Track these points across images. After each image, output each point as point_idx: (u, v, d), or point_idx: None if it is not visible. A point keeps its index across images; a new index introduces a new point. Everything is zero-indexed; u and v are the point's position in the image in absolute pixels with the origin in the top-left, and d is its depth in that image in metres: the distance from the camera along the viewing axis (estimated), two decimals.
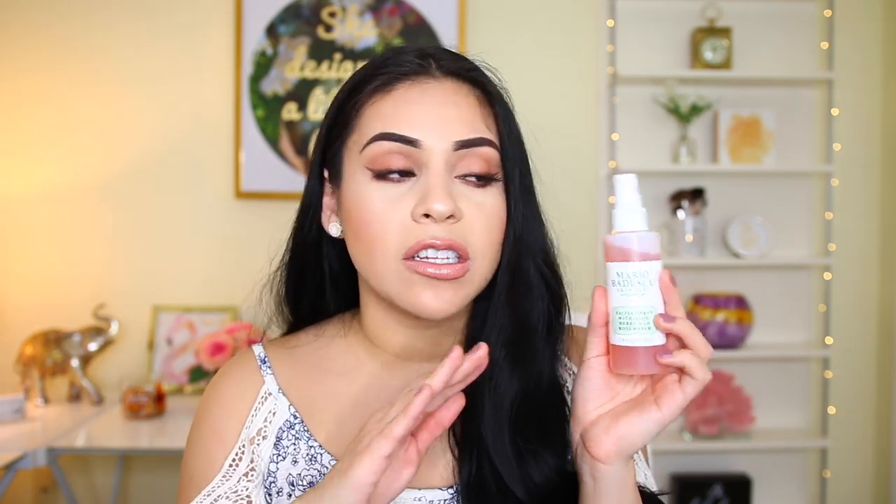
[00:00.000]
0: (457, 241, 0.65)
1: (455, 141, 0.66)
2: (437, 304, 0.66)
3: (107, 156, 2.27)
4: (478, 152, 0.67)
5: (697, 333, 0.60)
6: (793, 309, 2.40)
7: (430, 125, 0.66)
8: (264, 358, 0.77)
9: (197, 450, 0.73)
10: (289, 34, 2.27)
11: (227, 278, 2.23)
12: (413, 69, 0.69)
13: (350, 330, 0.78)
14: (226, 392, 0.75)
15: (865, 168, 2.41)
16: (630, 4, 2.34)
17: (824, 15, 2.33)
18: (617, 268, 0.61)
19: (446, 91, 0.68)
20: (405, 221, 0.65)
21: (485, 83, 0.70)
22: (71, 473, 2.23)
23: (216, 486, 0.69)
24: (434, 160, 0.66)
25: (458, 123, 0.67)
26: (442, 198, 0.64)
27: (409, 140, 0.65)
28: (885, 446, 2.37)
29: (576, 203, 2.33)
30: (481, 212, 0.67)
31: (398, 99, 0.67)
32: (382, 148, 0.66)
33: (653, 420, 0.62)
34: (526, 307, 0.71)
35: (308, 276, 0.77)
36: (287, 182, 2.26)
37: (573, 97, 2.35)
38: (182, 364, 2.19)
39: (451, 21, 2.27)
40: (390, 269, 0.66)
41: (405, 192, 0.66)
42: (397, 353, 0.75)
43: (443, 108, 0.67)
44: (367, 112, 0.68)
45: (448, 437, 0.72)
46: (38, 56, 2.26)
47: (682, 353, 0.60)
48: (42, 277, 2.26)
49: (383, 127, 0.66)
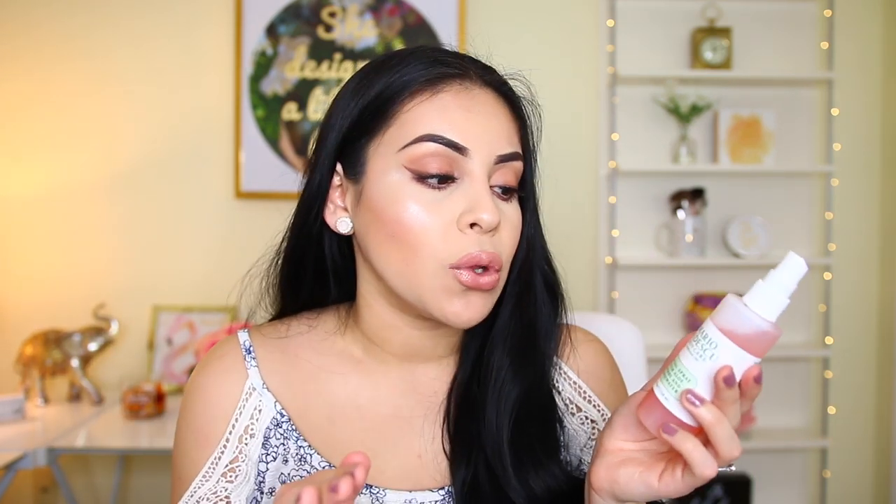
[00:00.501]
0: (497, 255, 0.66)
1: (498, 154, 0.66)
2: (469, 314, 0.66)
3: (107, 156, 2.27)
4: (511, 166, 0.68)
5: (726, 430, 0.53)
6: (793, 309, 2.37)
7: (477, 135, 0.65)
8: (249, 347, 0.74)
9: (182, 449, 0.72)
10: (289, 34, 2.27)
11: (227, 278, 2.21)
12: (458, 70, 0.67)
13: (346, 326, 0.76)
14: (208, 389, 0.72)
15: (865, 168, 2.41)
16: (630, 4, 2.33)
17: (824, 15, 2.33)
18: (713, 333, 0.53)
19: (489, 102, 0.68)
20: (448, 228, 0.64)
21: (515, 100, 0.71)
22: (71, 473, 2.23)
23: (197, 486, 0.68)
24: (478, 170, 0.65)
25: (500, 137, 0.67)
26: (491, 209, 0.64)
27: (459, 147, 0.64)
28: (885, 446, 2.37)
29: (576, 203, 2.33)
30: (509, 223, 0.68)
31: (447, 102, 0.66)
32: (428, 149, 0.64)
33: (648, 486, 0.58)
34: (533, 314, 0.73)
35: (308, 269, 0.76)
36: (287, 182, 2.26)
37: (573, 97, 2.35)
38: (182, 364, 2.19)
39: (451, 21, 2.27)
40: (431, 274, 0.65)
41: (446, 196, 0.65)
42: (395, 352, 0.74)
43: (488, 120, 0.67)
44: (412, 109, 0.66)
45: (442, 439, 0.72)
46: (37, 56, 2.26)
47: (685, 438, 0.54)
48: (42, 277, 2.26)
49: (431, 129, 0.65)
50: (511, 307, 0.72)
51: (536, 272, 0.73)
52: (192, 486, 0.68)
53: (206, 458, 0.69)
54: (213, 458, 0.69)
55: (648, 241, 2.38)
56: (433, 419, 0.73)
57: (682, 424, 0.54)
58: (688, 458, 0.54)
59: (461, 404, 0.72)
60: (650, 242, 2.38)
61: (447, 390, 0.74)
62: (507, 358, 0.71)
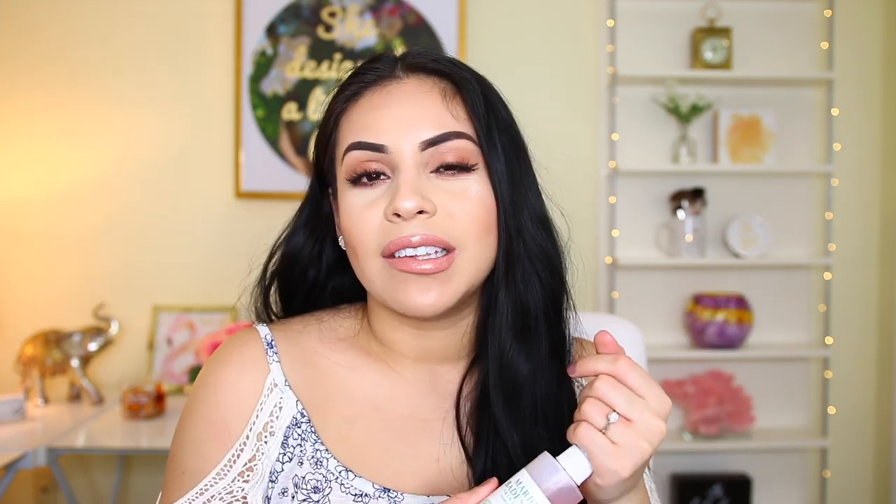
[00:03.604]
0: (433, 235, 0.65)
1: (421, 141, 0.66)
2: (425, 300, 0.65)
3: (107, 156, 2.27)
4: (448, 146, 0.66)
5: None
6: (793, 309, 2.40)
7: (394, 127, 0.67)
8: (271, 341, 0.73)
9: (191, 441, 0.69)
10: (289, 34, 2.27)
11: (228, 278, 2.22)
12: (377, 75, 0.70)
13: (361, 328, 0.76)
14: (227, 381, 0.70)
15: (865, 168, 2.40)
16: (630, 4, 2.33)
17: (824, 15, 2.33)
18: (527, 482, 0.57)
19: (409, 90, 0.68)
20: (381, 222, 0.66)
21: (450, 73, 0.69)
22: (71, 473, 2.23)
23: (209, 483, 0.66)
24: (403, 162, 0.66)
25: (423, 122, 0.66)
26: (408, 195, 0.64)
27: (377, 146, 0.67)
28: (885, 446, 2.37)
29: (576, 203, 2.33)
30: (461, 201, 0.66)
31: (363, 106, 0.69)
32: (356, 157, 0.68)
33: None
34: (522, 290, 0.69)
35: (304, 281, 0.78)
36: (287, 182, 2.26)
37: (573, 97, 2.35)
38: (182, 364, 2.19)
39: (451, 21, 2.27)
40: (374, 268, 0.67)
41: (380, 194, 0.67)
42: (409, 354, 0.73)
43: (406, 108, 0.67)
44: (342, 123, 0.70)
45: (460, 442, 0.71)
46: (37, 56, 2.25)
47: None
48: (42, 277, 2.26)
49: (353, 136, 0.68)
50: (500, 285, 0.69)
51: (520, 246, 0.68)
52: (204, 482, 0.66)
53: (221, 454, 0.67)
54: (230, 456, 0.67)
55: (648, 241, 2.38)
56: (451, 422, 0.72)
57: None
58: None
59: (479, 402, 0.71)
60: (650, 242, 2.38)
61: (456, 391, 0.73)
62: (511, 338, 0.69)
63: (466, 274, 0.67)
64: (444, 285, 0.65)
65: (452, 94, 0.69)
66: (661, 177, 2.36)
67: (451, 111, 0.68)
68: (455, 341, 0.73)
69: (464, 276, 0.67)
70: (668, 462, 2.36)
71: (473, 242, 0.66)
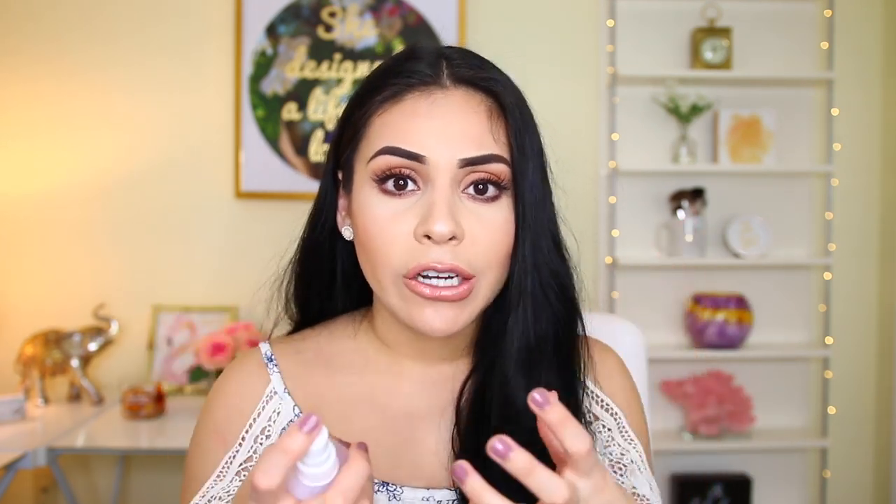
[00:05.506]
0: (458, 265, 0.64)
1: (461, 158, 0.64)
2: (439, 323, 0.65)
3: (107, 156, 2.27)
4: (485, 168, 0.65)
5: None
6: (793, 309, 2.40)
7: (436, 140, 0.64)
8: (270, 356, 0.76)
9: (198, 449, 0.73)
10: (289, 34, 2.27)
11: (228, 278, 2.23)
12: (422, 79, 0.66)
13: (360, 329, 0.77)
14: (229, 391, 0.74)
15: (865, 168, 2.40)
16: (630, 4, 2.33)
17: (824, 15, 2.33)
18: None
19: (455, 103, 0.66)
20: (407, 239, 0.64)
21: (499, 94, 0.67)
22: (71, 473, 2.23)
23: (210, 486, 0.69)
24: (439, 176, 0.64)
25: (465, 139, 0.65)
26: (444, 218, 0.62)
27: (415, 155, 0.64)
28: (885, 446, 2.37)
29: (576, 203, 2.32)
30: (487, 228, 0.65)
31: (406, 111, 0.66)
32: (388, 162, 0.65)
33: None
34: (532, 321, 0.69)
35: (319, 275, 0.76)
36: (287, 182, 2.26)
37: (573, 97, 2.34)
38: (182, 364, 2.18)
39: (452, 21, 2.27)
40: (391, 284, 0.66)
41: (409, 206, 0.65)
42: (407, 353, 0.74)
43: (450, 123, 0.65)
44: (376, 122, 0.67)
45: (452, 438, 0.71)
46: (38, 56, 2.25)
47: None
48: (42, 277, 2.26)
49: (390, 140, 0.65)
50: (518, 310, 0.69)
51: (534, 279, 0.68)
52: (206, 485, 0.69)
53: (219, 457, 0.70)
54: (227, 457, 0.70)
55: (648, 241, 2.38)
56: (450, 417, 0.73)
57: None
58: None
59: (476, 405, 0.71)
60: (650, 242, 2.38)
61: (458, 389, 0.74)
62: (518, 364, 0.68)
63: (481, 298, 0.67)
64: (461, 311, 0.65)
65: (497, 115, 0.67)
66: (661, 177, 2.36)
67: (493, 133, 0.66)
68: (455, 343, 0.74)
69: (478, 301, 0.67)
70: (668, 462, 2.36)
71: (493, 269, 0.66)
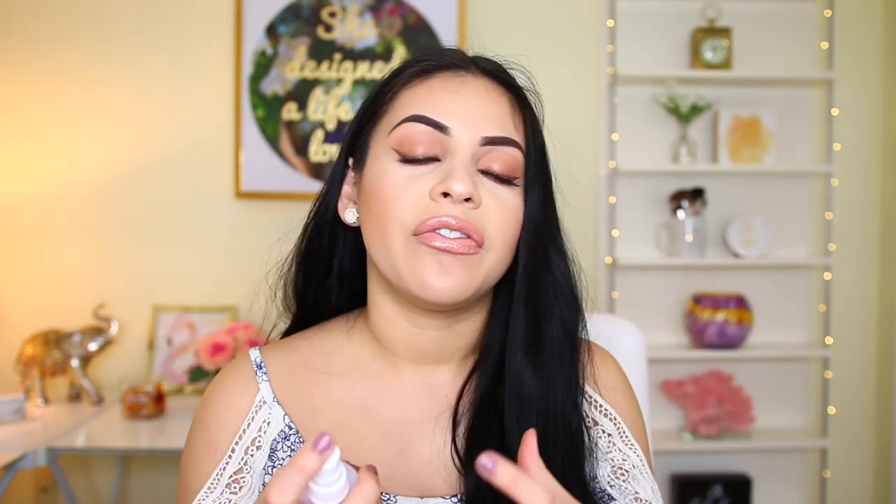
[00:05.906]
0: (472, 223, 0.64)
1: (483, 136, 0.66)
2: (444, 283, 0.64)
3: (107, 156, 2.27)
4: (503, 151, 0.67)
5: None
6: (793, 309, 2.40)
7: (462, 115, 0.67)
8: (260, 363, 0.75)
9: (190, 458, 0.72)
10: (289, 34, 2.27)
11: (228, 278, 2.23)
12: (454, 62, 0.70)
13: (353, 329, 0.76)
14: (219, 401, 0.73)
15: (865, 168, 2.40)
16: (630, 4, 2.33)
17: (824, 15, 2.33)
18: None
19: (481, 86, 0.69)
20: (422, 198, 0.65)
21: (518, 88, 0.72)
22: (71, 473, 2.23)
23: (202, 497, 0.68)
24: (461, 149, 0.66)
25: (489, 120, 0.67)
26: (464, 179, 0.64)
27: (440, 125, 0.66)
28: (885, 446, 2.37)
29: (576, 203, 2.32)
30: (501, 205, 0.67)
31: (434, 86, 0.69)
32: (413, 130, 0.66)
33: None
34: (541, 314, 0.70)
35: (318, 258, 0.76)
36: (287, 182, 2.26)
37: (573, 97, 2.34)
38: (182, 364, 2.18)
39: (451, 21, 2.27)
40: (399, 242, 0.65)
41: (426, 172, 0.66)
42: (403, 353, 0.73)
43: (476, 102, 0.68)
44: (403, 95, 0.69)
45: (451, 447, 0.70)
46: (39, 56, 2.25)
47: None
48: (42, 277, 2.26)
49: (417, 110, 0.67)
50: (523, 305, 0.70)
51: (543, 269, 0.70)
52: (198, 497, 0.68)
53: (210, 468, 0.70)
54: (218, 469, 0.69)
55: (648, 241, 2.38)
56: (445, 424, 0.72)
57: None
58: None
59: (478, 409, 0.71)
60: (650, 242, 2.38)
61: (457, 394, 0.73)
62: (526, 360, 0.69)
63: (484, 273, 0.67)
64: (466, 272, 0.65)
65: (517, 109, 0.71)
66: (661, 177, 2.36)
67: (514, 121, 0.69)
68: (450, 343, 0.73)
69: (481, 274, 0.66)
70: (668, 462, 2.36)
71: (499, 248, 0.67)
